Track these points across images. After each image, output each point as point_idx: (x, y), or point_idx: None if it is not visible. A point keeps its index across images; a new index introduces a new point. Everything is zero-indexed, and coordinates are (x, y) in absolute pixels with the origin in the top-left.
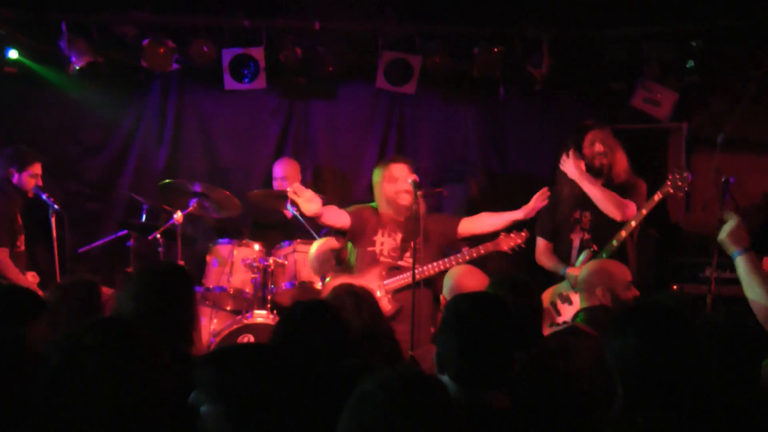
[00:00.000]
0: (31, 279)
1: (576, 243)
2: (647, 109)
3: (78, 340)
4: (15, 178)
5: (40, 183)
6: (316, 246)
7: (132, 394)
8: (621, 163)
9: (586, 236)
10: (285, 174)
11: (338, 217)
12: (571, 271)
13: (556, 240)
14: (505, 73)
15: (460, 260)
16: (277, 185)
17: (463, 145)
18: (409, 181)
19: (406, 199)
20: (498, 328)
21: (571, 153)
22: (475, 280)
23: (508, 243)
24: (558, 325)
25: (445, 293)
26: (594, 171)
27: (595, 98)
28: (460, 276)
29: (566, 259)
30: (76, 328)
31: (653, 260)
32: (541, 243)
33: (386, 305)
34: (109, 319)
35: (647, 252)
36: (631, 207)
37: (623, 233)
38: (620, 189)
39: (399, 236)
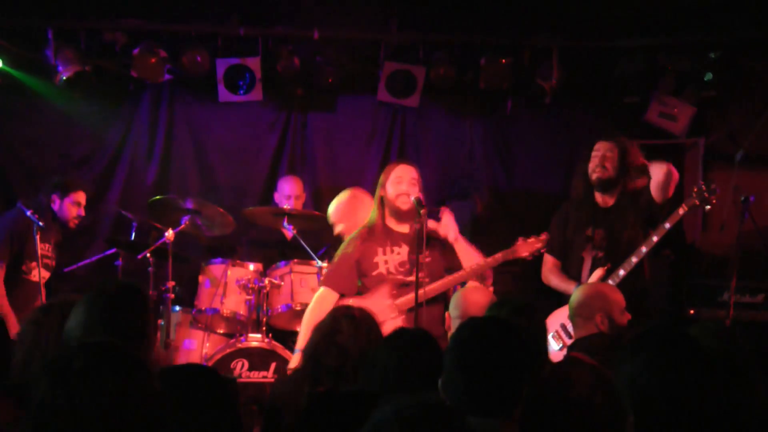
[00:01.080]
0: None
1: (588, 262)
2: (662, 123)
3: (66, 363)
4: (56, 205)
5: (83, 213)
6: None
7: (124, 417)
8: (640, 182)
9: (599, 254)
10: (296, 192)
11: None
12: None
13: (566, 258)
14: (513, 86)
15: (477, 271)
16: (284, 204)
17: (469, 161)
18: (412, 198)
19: (405, 203)
20: (501, 354)
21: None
22: (481, 296)
23: (527, 248)
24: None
25: (451, 311)
26: (594, 184)
27: (608, 112)
28: (467, 293)
29: (576, 278)
30: (63, 351)
31: (668, 283)
32: (549, 260)
33: (401, 326)
34: (98, 341)
35: (661, 274)
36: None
37: (643, 248)
38: (644, 208)
39: (405, 249)
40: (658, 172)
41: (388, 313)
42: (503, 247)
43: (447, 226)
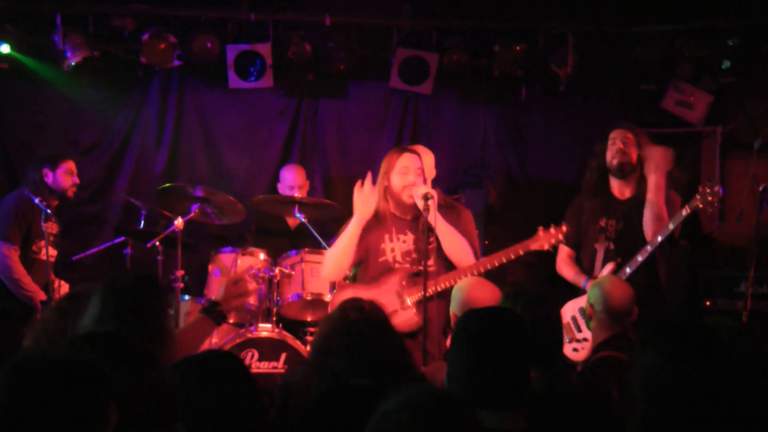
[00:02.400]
0: (55, 286)
1: (600, 253)
2: (679, 111)
3: (75, 355)
4: (50, 178)
5: (77, 180)
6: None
7: (133, 410)
8: (659, 173)
9: (611, 246)
10: (300, 182)
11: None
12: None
13: (579, 248)
14: (528, 72)
15: (495, 262)
16: (288, 194)
17: (482, 149)
18: (420, 193)
19: (411, 198)
20: (509, 344)
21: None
22: (487, 293)
23: (548, 240)
24: (578, 341)
25: (454, 309)
26: (613, 171)
27: (624, 100)
28: (470, 289)
29: (589, 270)
30: (72, 342)
31: (684, 274)
32: (563, 250)
33: (413, 317)
34: (106, 331)
35: (677, 265)
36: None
37: (649, 247)
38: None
39: (411, 237)
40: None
41: (398, 304)
42: (516, 237)
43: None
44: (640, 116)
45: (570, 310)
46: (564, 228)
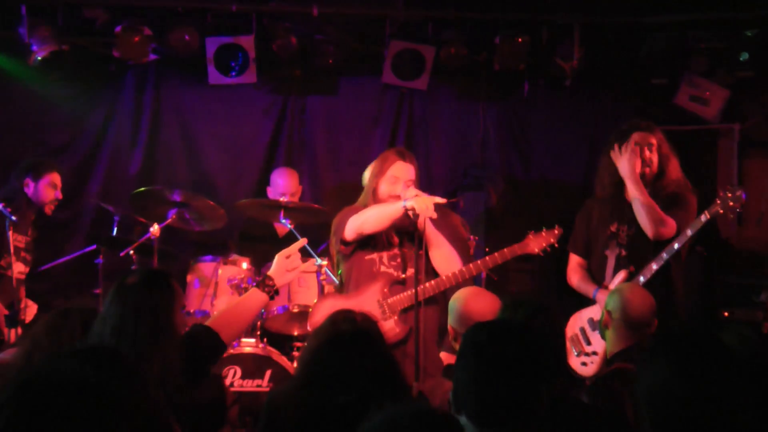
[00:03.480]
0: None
1: (611, 261)
2: (693, 108)
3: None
4: (30, 189)
5: (60, 196)
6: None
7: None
8: (672, 172)
9: (623, 253)
10: (292, 189)
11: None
12: (602, 295)
13: (590, 256)
14: (531, 67)
15: (482, 268)
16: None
17: (482, 148)
18: (406, 204)
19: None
20: (521, 359)
21: (630, 147)
22: (486, 305)
23: (538, 243)
24: (587, 354)
25: (452, 322)
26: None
27: (634, 95)
28: (467, 301)
29: (599, 279)
30: (56, 359)
31: (700, 281)
32: (573, 259)
33: (393, 328)
34: (91, 347)
35: (693, 272)
36: (670, 225)
37: (664, 254)
38: (666, 201)
39: (395, 240)
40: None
41: (379, 313)
42: (518, 242)
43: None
44: (652, 113)
45: (578, 321)
46: (557, 231)
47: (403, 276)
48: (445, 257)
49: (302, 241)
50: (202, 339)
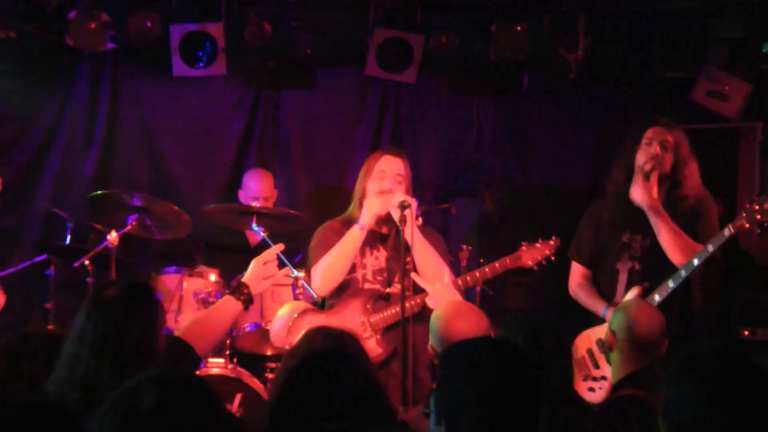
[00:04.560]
0: None
1: (623, 275)
2: (712, 104)
3: (131, 404)
4: None
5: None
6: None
7: None
8: (691, 180)
9: (636, 267)
10: (265, 192)
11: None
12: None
13: (597, 269)
14: (531, 58)
15: (469, 282)
16: (250, 204)
17: (476, 149)
18: (396, 201)
19: (385, 207)
20: (521, 380)
21: (640, 179)
22: (470, 323)
23: (532, 256)
24: (595, 379)
25: (433, 342)
26: (645, 175)
27: (646, 90)
28: (450, 319)
29: (609, 295)
30: (125, 389)
31: (718, 297)
32: (577, 270)
33: (375, 348)
34: (168, 373)
35: (712, 287)
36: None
37: (683, 274)
38: (688, 218)
39: (383, 254)
40: None
41: (360, 331)
42: (510, 254)
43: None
44: (665, 110)
45: (585, 342)
46: (553, 242)
47: (388, 291)
48: (433, 269)
49: (279, 246)
50: (176, 352)
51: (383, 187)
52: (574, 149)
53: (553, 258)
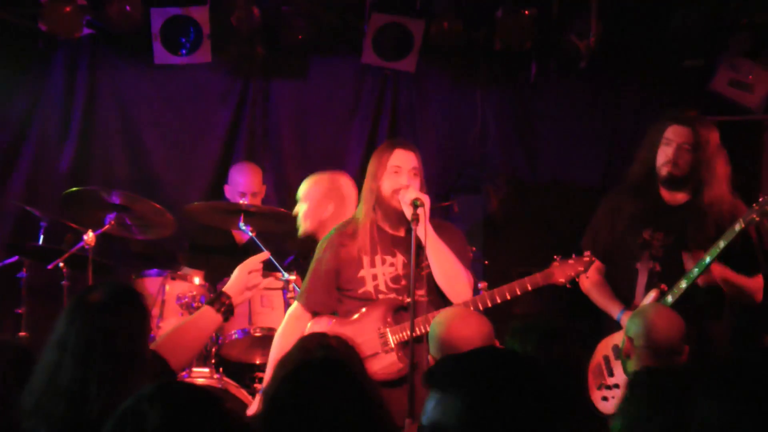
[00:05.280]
0: None
1: (643, 276)
2: (734, 94)
3: (138, 416)
4: None
5: None
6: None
7: None
8: (717, 184)
9: (657, 268)
10: (253, 187)
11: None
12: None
13: (613, 267)
14: (539, 45)
15: (497, 299)
16: (237, 200)
17: (480, 143)
18: (409, 198)
19: (400, 205)
20: (530, 400)
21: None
22: (473, 329)
23: (565, 273)
24: (609, 387)
25: (433, 351)
26: (661, 179)
27: (663, 80)
28: (451, 325)
29: (627, 298)
30: (125, 408)
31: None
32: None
33: (396, 363)
34: (178, 384)
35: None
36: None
37: (695, 273)
38: (715, 221)
39: (401, 259)
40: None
41: (379, 345)
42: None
43: None
44: (684, 100)
45: (603, 349)
46: (587, 258)
47: (409, 300)
48: (450, 276)
49: (264, 255)
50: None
51: (399, 184)
52: (586, 143)
53: (588, 276)
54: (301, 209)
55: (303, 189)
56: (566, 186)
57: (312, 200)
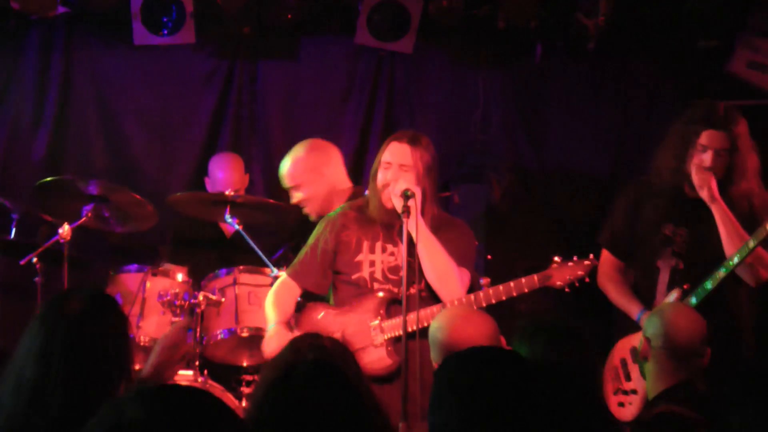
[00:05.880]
0: None
1: (665, 274)
2: (752, 77)
3: (117, 417)
4: None
5: None
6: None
7: None
8: (747, 177)
9: (680, 266)
10: (234, 179)
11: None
12: None
13: (633, 263)
14: (545, 24)
15: (492, 299)
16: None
17: (482, 129)
18: (398, 189)
19: (390, 201)
20: (519, 403)
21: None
22: (476, 327)
23: (562, 276)
24: (626, 392)
25: (434, 356)
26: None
27: (676, 61)
28: (453, 327)
29: (648, 298)
30: (113, 403)
31: (758, 303)
32: (607, 259)
33: (384, 358)
34: (162, 386)
35: (752, 291)
36: None
37: (721, 274)
38: (749, 221)
39: (401, 249)
40: None
41: (369, 339)
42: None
43: None
44: (699, 84)
45: (620, 351)
46: (589, 262)
47: (407, 293)
48: (439, 273)
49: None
50: None
51: (386, 180)
52: (595, 129)
53: (587, 280)
54: (297, 197)
55: (287, 176)
56: (574, 175)
57: (303, 184)
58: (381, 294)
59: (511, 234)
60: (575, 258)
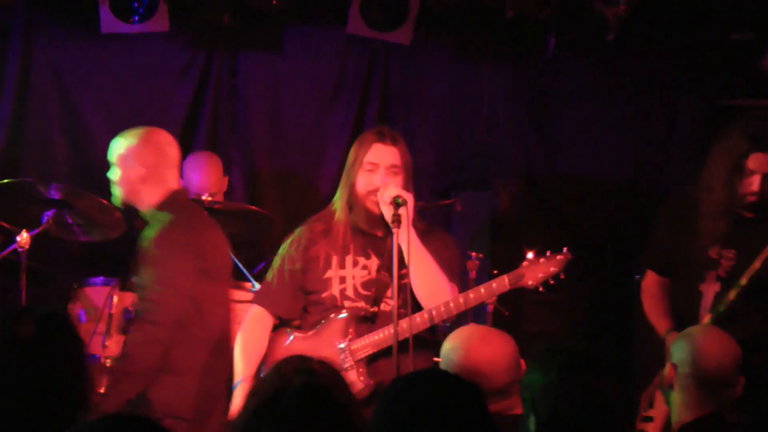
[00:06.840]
0: None
1: (707, 298)
2: None
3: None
4: None
5: None
6: None
7: None
8: None
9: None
10: (210, 182)
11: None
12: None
13: (676, 287)
14: (558, 14)
15: (462, 305)
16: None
17: (487, 130)
18: (389, 196)
19: (376, 206)
20: None
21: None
22: (495, 347)
23: (534, 274)
24: (644, 419)
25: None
26: (744, 207)
27: (705, 57)
28: (471, 347)
29: (690, 324)
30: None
31: None
32: (651, 277)
33: (355, 382)
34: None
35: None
36: None
37: (732, 294)
38: None
39: (375, 263)
40: None
41: (338, 361)
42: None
43: None
44: (729, 81)
45: (660, 375)
46: (562, 256)
47: (374, 310)
48: (431, 288)
49: None
50: None
51: (372, 185)
52: (612, 130)
53: (562, 276)
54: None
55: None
56: (589, 181)
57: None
58: (345, 314)
59: (518, 245)
60: (548, 253)
